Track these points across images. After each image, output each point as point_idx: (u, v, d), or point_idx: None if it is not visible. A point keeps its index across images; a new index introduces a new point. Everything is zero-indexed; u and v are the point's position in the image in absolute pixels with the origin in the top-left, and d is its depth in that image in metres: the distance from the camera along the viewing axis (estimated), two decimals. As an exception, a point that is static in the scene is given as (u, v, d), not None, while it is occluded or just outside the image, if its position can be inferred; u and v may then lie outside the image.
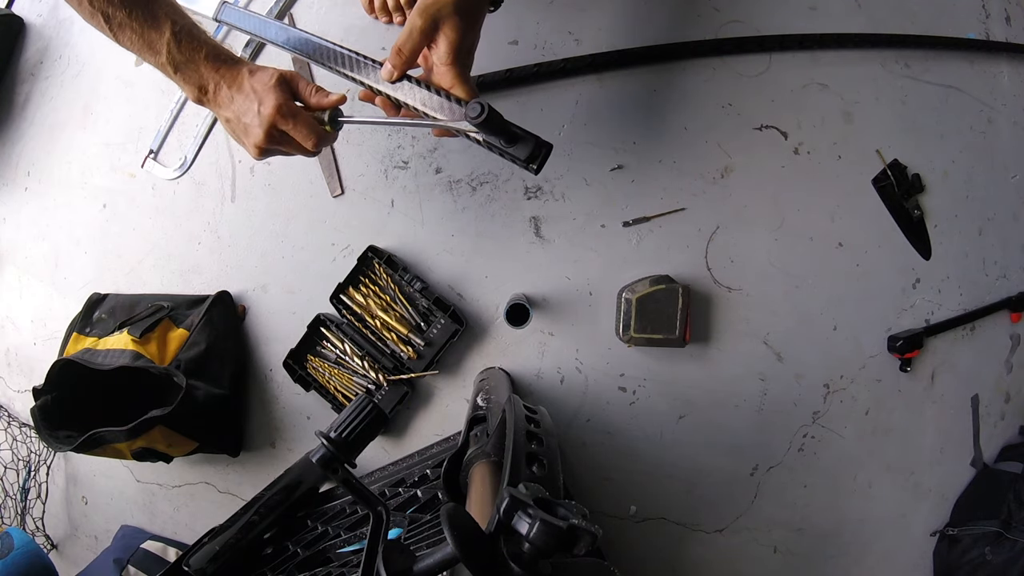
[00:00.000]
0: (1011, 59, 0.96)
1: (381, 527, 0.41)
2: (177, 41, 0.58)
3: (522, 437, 0.40)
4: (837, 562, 0.94)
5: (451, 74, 0.57)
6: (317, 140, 0.61)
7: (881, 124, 0.89)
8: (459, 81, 0.58)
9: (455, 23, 0.56)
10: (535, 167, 0.56)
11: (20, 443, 1.05)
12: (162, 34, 0.58)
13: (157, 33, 0.58)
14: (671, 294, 0.81)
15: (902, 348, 0.88)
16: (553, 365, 0.89)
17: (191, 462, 0.98)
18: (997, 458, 0.99)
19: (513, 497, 0.26)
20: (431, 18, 0.55)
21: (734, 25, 0.86)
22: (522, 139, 0.56)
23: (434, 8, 0.55)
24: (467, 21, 0.56)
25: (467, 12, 0.56)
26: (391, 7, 0.85)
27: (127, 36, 0.58)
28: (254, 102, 0.59)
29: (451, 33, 0.56)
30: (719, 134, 0.86)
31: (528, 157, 0.56)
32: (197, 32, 0.60)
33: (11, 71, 1.05)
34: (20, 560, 0.84)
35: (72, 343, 0.91)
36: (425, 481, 0.73)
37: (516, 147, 0.56)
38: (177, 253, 0.95)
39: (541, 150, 0.56)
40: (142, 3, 0.57)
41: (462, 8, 0.55)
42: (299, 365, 0.89)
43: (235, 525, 0.44)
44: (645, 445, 0.89)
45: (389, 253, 0.87)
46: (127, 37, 0.58)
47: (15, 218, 1.05)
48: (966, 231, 0.94)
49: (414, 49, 0.57)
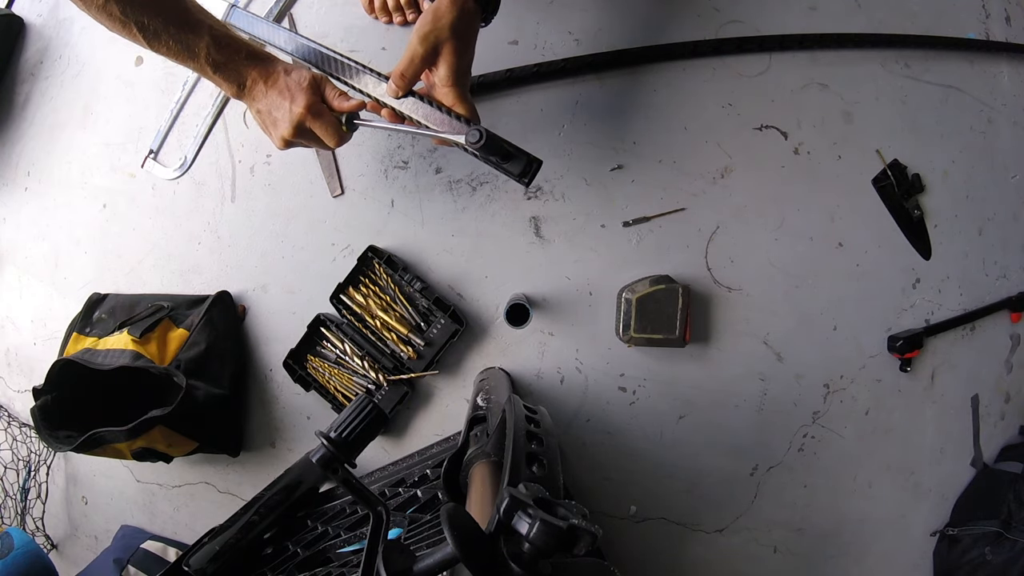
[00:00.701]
0: (1011, 59, 0.95)
1: (381, 527, 0.41)
2: (216, 44, 0.62)
3: (522, 437, 0.40)
4: (837, 562, 0.94)
5: (452, 95, 0.63)
6: (338, 140, 0.66)
7: (881, 124, 0.89)
8: (460, 100, 0.63)
9: (453, 47, 0.60)
10: (527, 181, 0.64)
11: (20, 443, 1.05)
12: (201, 38, 0.61)
13: (196, 37, 0.61)
14: (671, 294, 0.81)
15: (902, 348, 0.88)
16: (553, 365, 0.88)
17: (191, 462, 0.98)
18: (997, 458, 0.99)
19: (513, 497, 0.26)
20: (431, 44, 0.60)
21: (734, 25, 0.86)
22: (515, 156, 0.63)
23: (433, 35, 0.59)
24: (463, 42, 0.61)
25: (463, 34, 0.61)
26: (391, 7, 0.86)
27: (163, 43, 0.61)
28: (287, 99, 0.64)
29: (450, 57, 0.61)
30: (719, 134, 0.86)
31: (520, 172, 0.63)
32: (232, 34, 0.64)
33: (11, 71, 1.05)
34: (20, 560, 0.84)
35: (72, 343, 0.90)
36: (425, 481, 0.73)
37: (510, 163, 0.63)
38: (177, 253, 0.95)
39: (532, 166, 0.63)
40: (177, 10, 0.60)
41: (458, 31, 0.60)
42: (299, 365, 0.89)
43: (235, 525, 0.44)
44: (645, 445, 0.89)
45: (389, 253, 0.87)
46: (163, 43, 0.61)
47: (15, 218, 1.05)
48: (966, 231, 0.94)
49: (416, 74, 0.62)
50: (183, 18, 0.60)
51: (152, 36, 0.60)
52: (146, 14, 0.59)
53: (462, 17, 0.60)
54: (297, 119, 0.64)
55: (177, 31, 0.60)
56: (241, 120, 0.92)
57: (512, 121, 0.86)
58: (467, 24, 0.60)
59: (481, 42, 0.63)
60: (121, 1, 0.57)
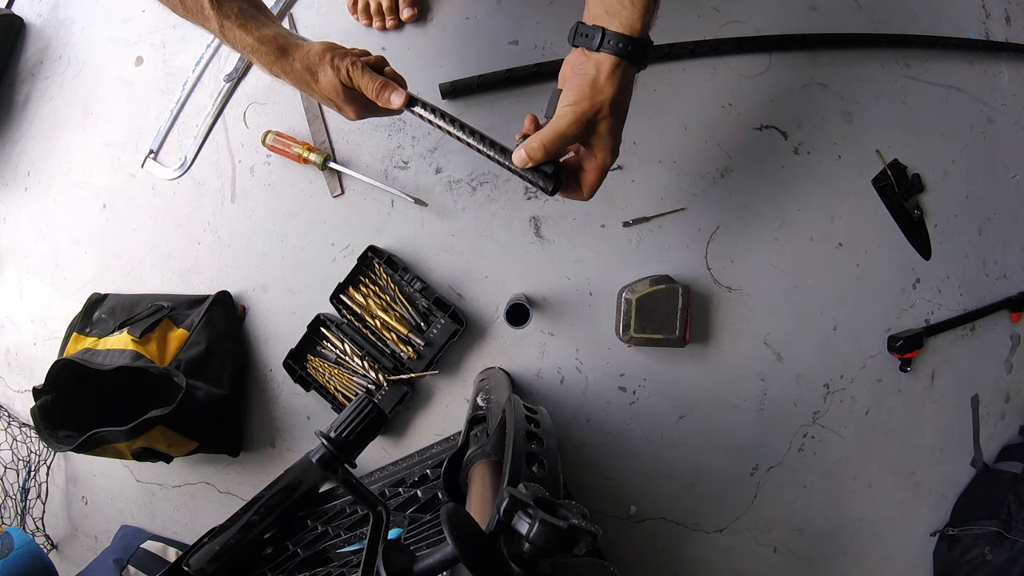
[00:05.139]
0: (1011, 59, 0.96)
1: (381, 527, 0.41)
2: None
3: (522, 437, 0.40)
4: (837, 562, 0.95)
5: (594, 178, 0.57)
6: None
7: (881, 124, 0.89)
8: (595, 185, 0.58)
9: (610, 126, 0.54)
10: (551, 192, 0.59)
11: (20, 443, 1.05)
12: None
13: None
14: (671, 294, 0.81)
15: (902, 348, 0.88)
16: (553, 365, 0.88)
17: (191, 462, 0.97)
18: (997, 458, 0.99)
19: (513, 497, 0.26)
20: (587, 125, 0.54)
21: (734, 25, 0.86)
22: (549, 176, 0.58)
23: (592, 112, 0.53)
24: (619, 119, 0.55)
25: (620, 109, 0.54)
26: (372, 11, 0.85)
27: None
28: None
29: (607, 140, 0.55)
30: (719, 134, 0.86)
31: (552, 189, 0.58)
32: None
33: (11, 71, 1.05)
34: (20, 560, 0.84)
35: (72, 343, 0.90)
36: (425, 481, 0.73)
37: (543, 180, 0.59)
38: (177, 253, 0.95)
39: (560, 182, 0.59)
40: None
41: (617, 106, 0.54)
42: (299, 365, 0.89)
43: (235, 525, 0.44)
44: (645, 445, 0.89)
45: (389, 253, 0.87)
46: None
47: (15, 218, 1.05)
48: (966, 231, 0.94)
49: (560, 153, 0.56)
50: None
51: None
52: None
53: (623, 90, 0.54)
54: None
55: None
56: (241, 120, 0.92)
57: (512, 121, 0.86)
58: (626, 97, 0.55)
59: (481, 42, 0.62)
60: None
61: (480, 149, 0.59)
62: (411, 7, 0.84)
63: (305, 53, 0.60)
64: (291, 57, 0.60)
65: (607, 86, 0.52)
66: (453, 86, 0.84)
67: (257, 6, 0.63)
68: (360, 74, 0.60)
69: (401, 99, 0.60)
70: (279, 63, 0.61)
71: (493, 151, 0.59)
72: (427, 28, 0.87)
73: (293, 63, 0.61)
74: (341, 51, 0.61)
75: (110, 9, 0.97)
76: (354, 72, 0.60)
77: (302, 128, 0.89)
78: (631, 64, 0.53)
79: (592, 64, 0.53)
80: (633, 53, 0.53)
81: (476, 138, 0.59)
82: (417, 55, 0.87)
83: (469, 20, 0.86)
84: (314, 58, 0.60)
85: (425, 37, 0.87)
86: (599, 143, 0.55)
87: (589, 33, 0.54)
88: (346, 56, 0.60)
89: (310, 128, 0.89)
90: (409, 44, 0.87)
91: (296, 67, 0.61)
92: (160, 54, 0.94)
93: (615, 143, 0.56)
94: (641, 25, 0.53)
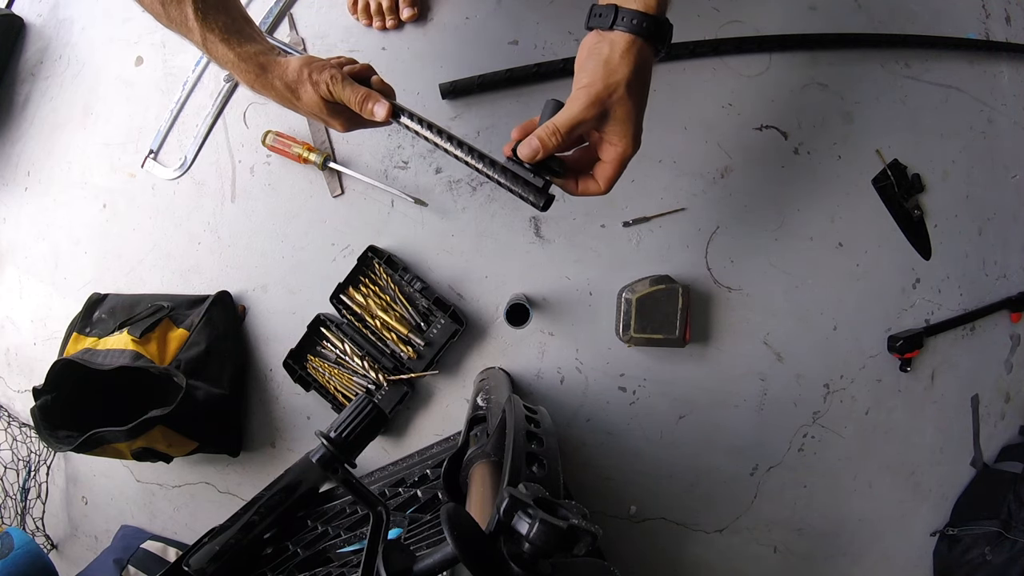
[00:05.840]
0: (1011, 59, 0.95)
1: (381, 527, 0.41)
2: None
3: (522, 437, 0.40)
4: (837, 562, 0.95)
5: (609, 172, 0.54)
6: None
7: (881, 124, 0.89)
8: (610, 182, 0.55)
9: (628, 111, 0.50)
10: (542, 208, 0.57)
11: (20, 443, 1.05)
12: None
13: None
14: (671, 294, 0.81)
15: (902, 348, 0.88)
16: (553, 365, 0.88)
17: (191, 462, 0.97)
18: (997, 458, 0.99)
19: (513, 497, 0.26)
20: (602, 109, 0.50)
21: (734, 25, 0.86)
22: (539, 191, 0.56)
23: (606, 93, 0.49)
24: (638, 104, 0.51)
25: (638, 92, 0.50)
26: (372, 11, 0.85)
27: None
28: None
29: (626, 126, 0.51)
30: (719, 134, 0.86)
31: (544, 205, 0.56)
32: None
33: (11, 71, 1.05)
34: (20, 560, 0.84)
35: (72, 343, 0.90)
36: (425, 481, 0.73)
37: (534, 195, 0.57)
38: (177, 253, 0.95)
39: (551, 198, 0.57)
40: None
41: (634, 89, 0.50)
42: (299, 365, 0.89)
43: (235, 525, 0.44)
44: (645, 445, 0.89)
45: (389, 253, 0.87)
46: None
47: (15, 218, 1.05)
48: (966, 231, 0.94)
49: (574, 142, 0.53)
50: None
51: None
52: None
53: (640, 71, 0.50)
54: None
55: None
56: (241, 120, 0.92)
57: (512, 121, 0.86)
58: (643, 79, 0.51)
59: (481, 42, 0.62)
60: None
61: (468, 161, 0.57)
62: (411, 7, 0.84)
63: (283, 71, 0.58)
64: (270, 75, 0.58)
65: (622, 65, 0.49)
66: (453, 86, 0.84)
67: (244, 19, 0.61)
68: (341, 87, 0.57)
69: (384, 110, 0.57)
70: (259, 81, 0.59)
71: (482, 163, 0.56)
72: (427, 28, 0.87)
73: (273, 81, 0.59)
74: (319, 64, 0.58)
75: (110, 9, 0.97)
76: (334, 86, 0.57)
77: (302, 128, 0.89)
78: (647, 43, 0.50)
79: (606, 43, 0.50)
80: (649, 31, 0.49)
81: (464, 150, 0.57)
82: (417, 55, 0.87)
83: (469, 20, 0.86)
84: (292, 75, 0.58)
85: (425, 37, 0.87)
86: (617, 130, 0.52)
87: (603, 12, 0.50)
88: (324, 69, 0.57)
89: (310, 128, 0.89)
90: (409, 44, 0.87)
91: (276, 85, 0.59)
92: (160, 54, 0.94)
93: (635, 131, 0.52)
94: (657, 3, 0.50)
